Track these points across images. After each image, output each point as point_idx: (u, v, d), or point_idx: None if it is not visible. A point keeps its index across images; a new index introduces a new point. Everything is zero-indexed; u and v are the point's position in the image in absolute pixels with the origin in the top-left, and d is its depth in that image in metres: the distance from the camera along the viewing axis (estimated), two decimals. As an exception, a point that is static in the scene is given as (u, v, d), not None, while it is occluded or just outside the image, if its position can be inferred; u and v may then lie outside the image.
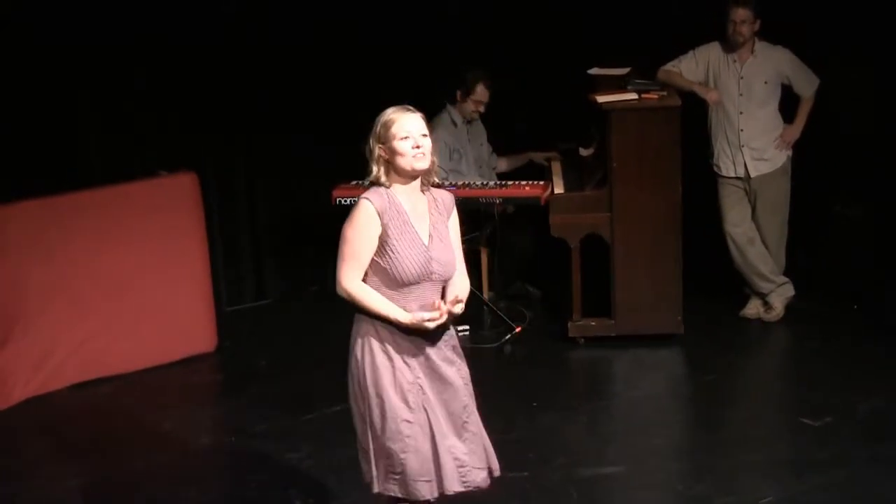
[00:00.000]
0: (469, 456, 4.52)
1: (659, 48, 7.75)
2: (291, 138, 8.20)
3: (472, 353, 7.41)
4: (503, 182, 7.88)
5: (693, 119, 7.49)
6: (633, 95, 7.32)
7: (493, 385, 7.01)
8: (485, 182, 7.85)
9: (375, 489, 4.50)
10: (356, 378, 4.49)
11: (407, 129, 4.43)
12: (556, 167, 7.97)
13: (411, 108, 4.52)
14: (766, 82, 7.49)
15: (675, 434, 6.48)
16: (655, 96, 7.35)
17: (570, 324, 7.43)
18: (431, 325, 4.43)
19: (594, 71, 7.59)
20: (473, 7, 8.46)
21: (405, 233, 4.44)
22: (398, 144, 4.42)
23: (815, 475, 5.73)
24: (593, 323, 7.44)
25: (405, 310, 4.44)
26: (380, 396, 4.43)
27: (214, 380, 7.39)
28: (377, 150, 4.46)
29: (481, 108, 8.13)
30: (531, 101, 8.54)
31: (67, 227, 6.98)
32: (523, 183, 7.77)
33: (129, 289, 7.18)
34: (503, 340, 7.51)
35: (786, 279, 7.73)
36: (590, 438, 6.35)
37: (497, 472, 4.63)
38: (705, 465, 5.90)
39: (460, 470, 4.48)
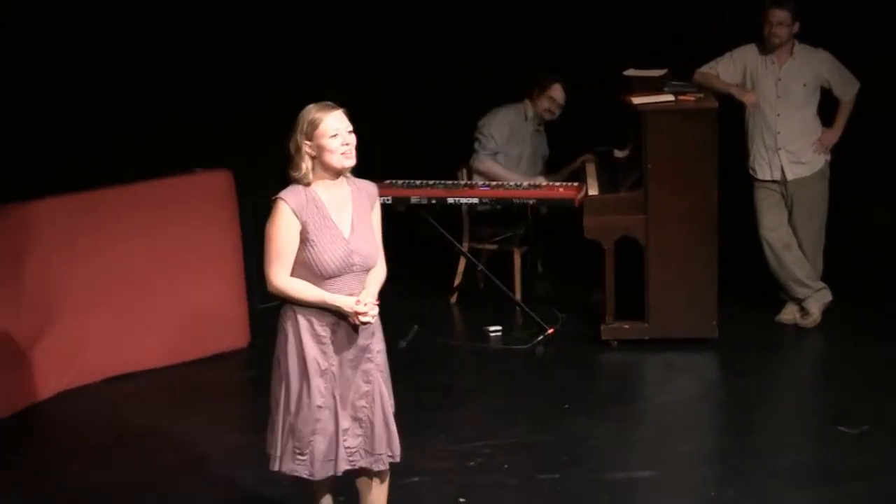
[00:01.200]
0: (360, 439, 4.72)
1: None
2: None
3: (504, 354, 7.46)
4: (537, 183, 7.85)
5: (730, 122, 7.43)
6: (670, 97, 7.29)
7: (525, 387, 7.00)
8: (518, 183, 7.83)
9: (276, 467, 4.74)
10: (279, 362, 4.68)
11: (335, 127, 4.57)
12: (591, 169, 7.93)
13: (334, 105, 4.63)
14: (804, 85, 7.41)
15: (707, 439, 6.43)
16: (692, 98, 7.31)
17: (602, 326, 7.39)
18: (363, 319, 4.58)
19: (630, 72, 7.54)
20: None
21: (325, 228, 4.57)
22: (327, 142, 4.56)
23: (847, 483, 5.66)
24: (626, 326, 7.39)
25: None
26: (299, 382, 4.63)
27: (245, 376, 7.39)
28: (304, 147, 4.58)
29: (554, 108, 8.19)
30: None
31: (99, 223, 6.99)
32: (557, 184, 7.76)
33: (161, 284, 7.20)
34: (535, 342, 7.47)
35: (823, 284, 7.64)
36: (621, 442, 6.30)
37: (396, 458, 4.80)
38: (736, 471, 5.85)
39: (348, 450, 4.69)
